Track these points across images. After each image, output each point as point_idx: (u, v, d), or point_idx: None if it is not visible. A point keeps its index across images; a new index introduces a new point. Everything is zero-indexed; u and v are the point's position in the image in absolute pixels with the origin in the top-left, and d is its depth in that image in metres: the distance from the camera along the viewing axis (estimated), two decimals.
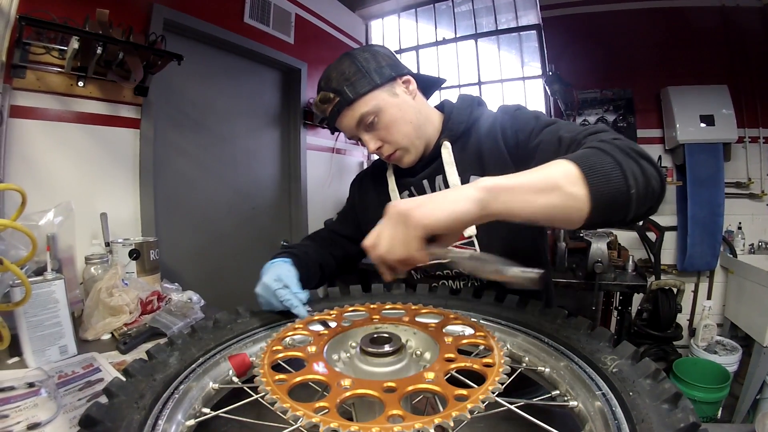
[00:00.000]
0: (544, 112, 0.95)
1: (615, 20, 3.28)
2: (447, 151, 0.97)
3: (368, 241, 0.61)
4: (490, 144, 0.93)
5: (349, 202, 1.23)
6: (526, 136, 0.86)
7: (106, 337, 1.23)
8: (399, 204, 0.58)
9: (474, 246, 0.96)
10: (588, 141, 0.68)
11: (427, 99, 1.09)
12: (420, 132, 0.98)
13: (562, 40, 3.43)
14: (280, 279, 0.81)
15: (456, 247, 0.97)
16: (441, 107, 1.07)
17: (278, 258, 0.95)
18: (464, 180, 0.96)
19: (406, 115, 0.95)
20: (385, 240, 0.58)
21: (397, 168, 1.06)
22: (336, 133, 1.06)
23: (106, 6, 1.50)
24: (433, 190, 1.01)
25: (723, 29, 3.06)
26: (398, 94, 0.96)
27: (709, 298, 3.14)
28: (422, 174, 1.02)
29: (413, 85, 1.00)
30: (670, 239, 3.20)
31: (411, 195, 1.04)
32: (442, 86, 1.17)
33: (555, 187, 0.56)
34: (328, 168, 3.35)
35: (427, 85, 1.08)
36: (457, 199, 0.55)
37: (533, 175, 0.58)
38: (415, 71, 1.02)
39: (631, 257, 2.88)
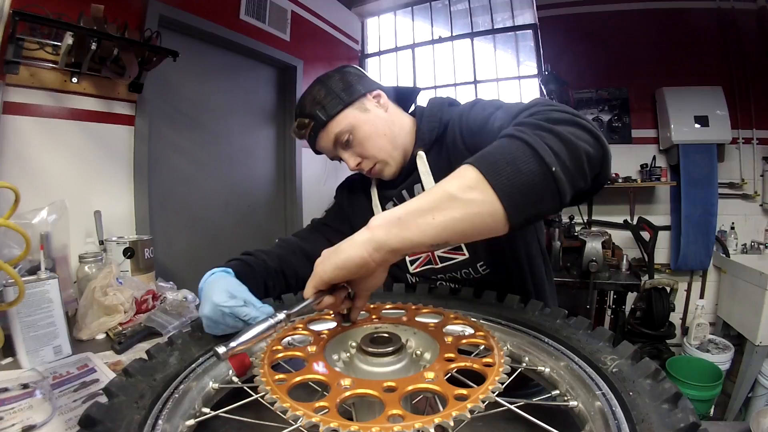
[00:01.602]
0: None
1: (611, 20, 3.30)
2: (422, 161, 0.97)
3: None
4: (455, 151, 0.93)
5: (336, 201, 1.20)
6: (479, 137, 0.83)
7: (101, 336, 1.22)
8: (323, 253, 0.59)
9: (462, 249, 0.96)
10: (510, 126, 0.60)
11: (408, 109, 1.09)
12: (396, 143, 0.98)
13: (558, 40, 3.45)
14: (234, 295, 0.71)
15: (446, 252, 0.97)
16: (414, 114, 1.06)
17: (218, 269, 0.86)
18: None
19: (379, 129, 0.96)
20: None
21: (380, 181, 1.06)
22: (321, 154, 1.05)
23: (100, 1, 1.48)
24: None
25: (718, 31, 3.09)
26: (369, 109, 0.97)
27: (702, 297, 3.17)
28: (402, 185, 1.02)
29: (384, 99, 1.00)
30: (663, 239, 3.23)
31: (394, 206, 1.02)
32: (438, 86, 1.17)
33: (450, 198, 0.51)
34: (324, 166, 3.34)
35: (402, 97, 1.09)
36: (346, 245, 0.55)
37: (425, 196, 0.54)
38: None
39: (625, 256, 2.91)
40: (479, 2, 3.91)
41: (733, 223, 3.15)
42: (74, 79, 1.66)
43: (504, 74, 3.89)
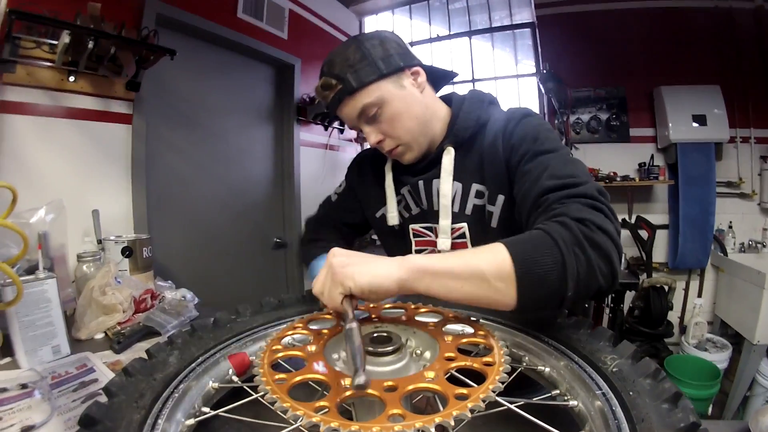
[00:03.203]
0: (549, 124, 0.90)
1: (609, 19, 3.31)
2: (449, 158, 0.92)
3: (316, 279, 0.66)
4: (491, 154, 0.88)
5: (347, 185, 1.17)
6: (519, 158, 0.81)
7: (100, 336, 1.22)
8: (336, 257, 0.62)
9: (465, 237, 0.95)
10: (555, 207, 0.67)
11: (437, 92, 1.03)
12: (425, 129, 0.93)
13: (556, 39, 3.45)
14: None
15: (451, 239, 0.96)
16: (449, 101, 1.00)
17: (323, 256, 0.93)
18: (465, 188, 0.92)
19: (411, 110, 0.90)
20: (319, 284, 0.64)
21: (396, 162, 1.01)
22: (330, 130, 1.04)
23: (97, 0, 1.48)
24: (428, 193, 0.96)
25: (716, 30, 3.10)
26: (405, 86, 0.90)
27: (699, 296, 3.18)
28: (421, 176, 0.97)
29: (422, 78, 0.93)
30: (661, 237, 3.24)
31: (409, 193, 1.01)
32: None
33: (482, 278, 0.57)
34: (322, 164, 3.34)
35: (438, 78, 1.01)
36: (380, 273, 0.59)
37: (462, 262, 0.59)
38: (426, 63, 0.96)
39: (623, 255, 2.91)
40: (477, 0, 3.91)
41: (730, 221, 3.16)
42: (71, 78, 1.66)
43: (502, 73, 3.89)
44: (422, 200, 0.98)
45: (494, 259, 0.58)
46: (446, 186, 0.92)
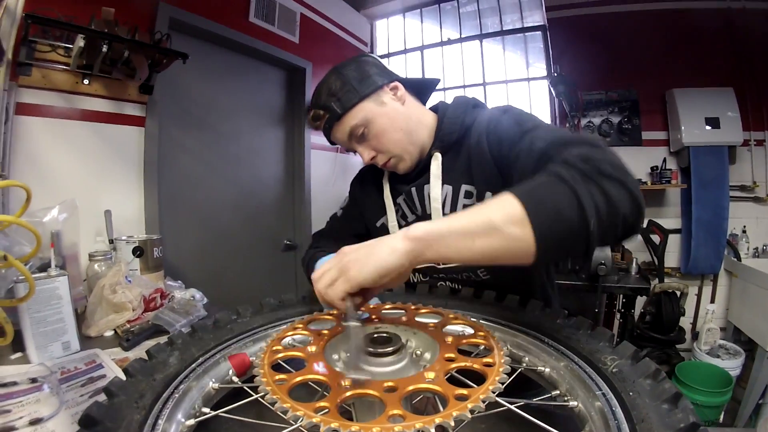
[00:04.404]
0: (531, 112, 0.92)
1: (620, 21, 3.28)
2: (436, 163, 0.96)
3: (316, 274, 0.64)
4: (478, 154, 0.91)
5: (350, 198, 1.22)
6: (508, 146, 0.82)
7: (109, 333, 1.24)
8: (347, 253, 0.60)
9: None
10: (555, 157, 0.64)
11: (425, 101, 1.07)
12: (412, 138, 0.97)
13: (568, 41, 3.42)
14: None
15: None
16: (435, 109, 1.05)
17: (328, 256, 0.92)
18: (455, 191, 0.95)
19: (395, 123, 0.95)
20: (325, 280, 0.61)
21: (393, 173, 1.05)
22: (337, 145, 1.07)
23: (111, 4, 1.51)
24: (421, 199, 1.00)
25: (729, 31, 3.05)
26: (386, 102, 0.95)
27: (712, 301, 3.14)
28: (414, 183, 1.01)
29: (401, 91, 0.98)
30: (674, 242, 3.19)
31: (404, 201, 1.04)
32: (447, 87, 1.17)
33: (493, 229, 0.53)
34: (332, 167, 3.35)
35: (421, 89, 1.07)
36: (385, 252, 0.57)
37: (470, 217, 0.56)
38: (405, 75, 1.00)
39: (634, 260, 2.88)
40: (488, 4, 3.90)
41: (744, 226, 3.11)
42: (85, 81, 1.69)
43: (513, 76, 3.87)
44: (417, 207, 1.02)
45: (501, 206, 0.55)
46: (436, 190, 0.95)
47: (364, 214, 1.14)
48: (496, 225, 0.53)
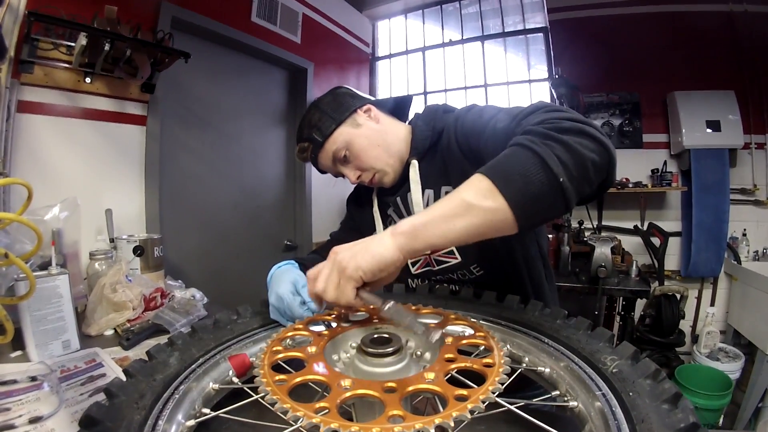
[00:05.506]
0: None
1: (622, 24, 3.28)
2: (414, 170, 1.00)
3: (311, 274, 0.65)
4: (450, 155, 0.95)
5: (348, 213, 1.26)
6: (476, 140, 0.87)
7: (109, 332, 1.24)
8: (339, 252, 0.62)
9: (454, 253, 0.99)
10: (517, 130, 0.66)
11: (406, 117, 1.13)
12: (391, 151, 1.02)
13: (569, 43, 3.43)
14: (296, 292, 0.79)
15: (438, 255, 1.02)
16: (411, 122, 1.10)
17: (284, 262, 0.95)
18: (436, 193, 0.99)
19: (373, 140, 1.00)
20: (322, 281, 0.62)
21: (380, 187, 1.09)
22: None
23: (114, 3, 1.51)
24: (407, 206, 1.04)
25: (730, 34, 3.05)
26: (361, 124, 1.01)
27: (712, 304, 3.13)
28: (398, 193, 1.05)
29: (374, 111, 1.04)
30: (674, 245, 3.19)
31: (393, 211, 1.08)
32: (448, 89, 1.19)
33: (469, 207, 0.56)
34: None
35: (397, 107, 1.12)
36: (378, 249, 0.59)
37: (446, 202, 0.59)
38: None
39: (634, 262, 2.88)
40: (490, 5, 3.90)
41: (744, 229, 3.10)
42: (87, 79, 1.69)
43: (514, 78, 3.87)
44: (404, 215, 1.05)
45: (471, 185, 0.58)
46: (417, 195, 1.00)
47: (359, 229, 1.17)
48: (470, 203, 0.56)
